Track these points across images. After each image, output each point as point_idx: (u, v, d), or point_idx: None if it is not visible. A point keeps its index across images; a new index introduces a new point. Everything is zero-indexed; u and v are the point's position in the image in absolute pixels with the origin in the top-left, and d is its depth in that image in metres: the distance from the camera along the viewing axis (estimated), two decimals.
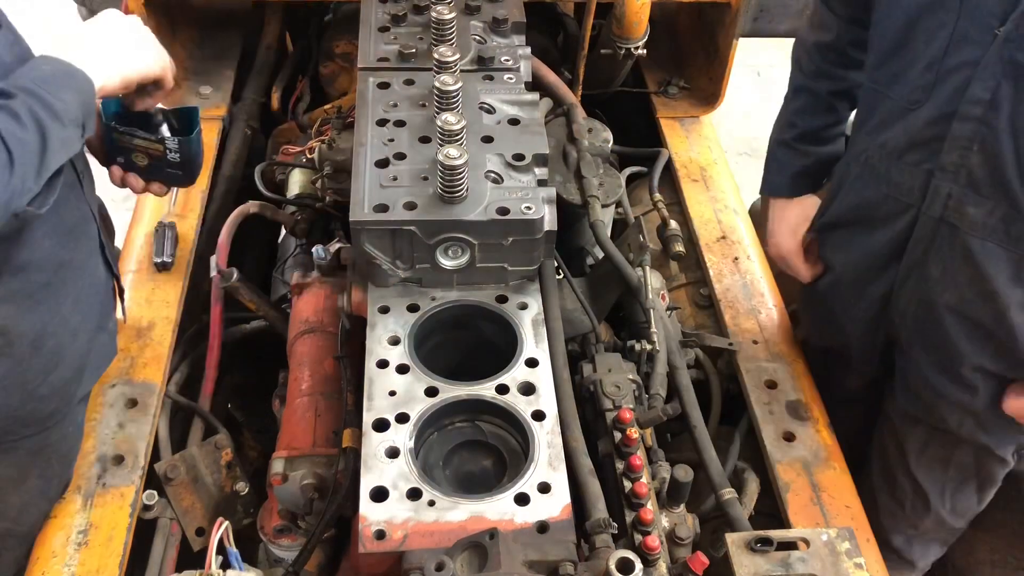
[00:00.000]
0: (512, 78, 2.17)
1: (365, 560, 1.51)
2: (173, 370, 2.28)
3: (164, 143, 1.85)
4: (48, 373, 1.77)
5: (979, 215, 1.83)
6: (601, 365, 1.96)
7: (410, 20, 2.34)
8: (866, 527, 2.00)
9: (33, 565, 1.84)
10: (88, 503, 1.93)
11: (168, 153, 1.86)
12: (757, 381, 2.25)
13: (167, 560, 1.98)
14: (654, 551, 1.57)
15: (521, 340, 1.80)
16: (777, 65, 5.33)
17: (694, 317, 2.52)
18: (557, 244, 1.94)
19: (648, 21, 2.74)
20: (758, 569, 1.57)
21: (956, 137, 1.81)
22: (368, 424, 1.64)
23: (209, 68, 3.01)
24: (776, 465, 2.09)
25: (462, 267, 1.87)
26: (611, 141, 2.42)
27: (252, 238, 2.91)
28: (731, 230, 2.65)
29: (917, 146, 1.89)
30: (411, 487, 1.55)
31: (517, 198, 1.85)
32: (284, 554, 1.92)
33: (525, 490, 1.56)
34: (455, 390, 1.70)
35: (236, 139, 2.88)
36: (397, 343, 1.78)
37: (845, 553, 1.61)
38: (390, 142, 1.96)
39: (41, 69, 1.50)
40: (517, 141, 1.99)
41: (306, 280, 2.22)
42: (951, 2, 1.77)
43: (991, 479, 2.28)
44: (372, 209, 1.80)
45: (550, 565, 1.46)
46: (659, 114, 3.05)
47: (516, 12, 2.36)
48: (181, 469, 2.05)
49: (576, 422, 1.74)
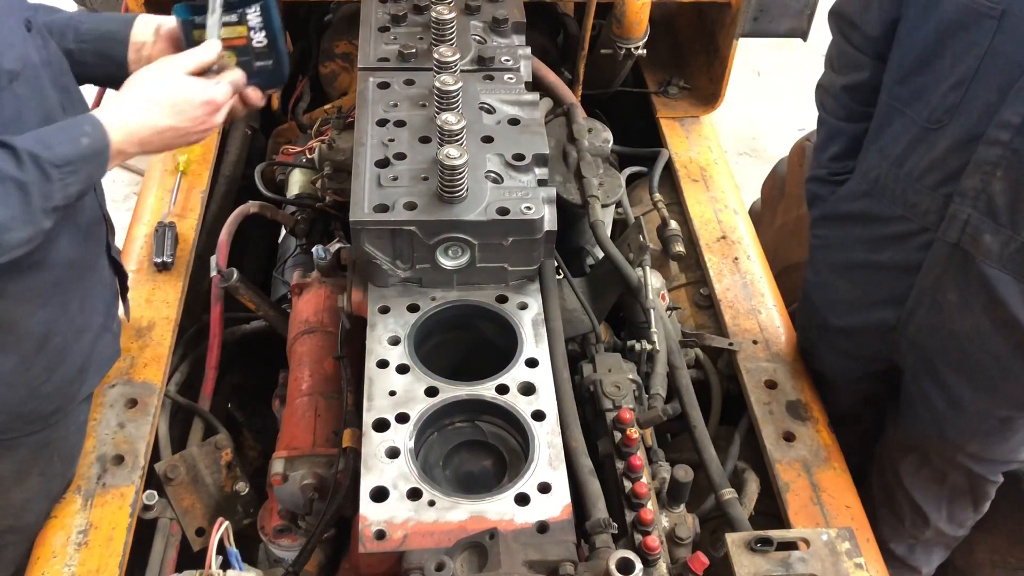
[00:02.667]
0: (512, 78, 2.17)
1: (365, 560, 1.51)
2: (173, 370, 2.28)
3: (246, 20, 1.74)
4: (52, 371, 1.77)
5: (995, 244, 1.78)
6: (601, 365, 1.96)
7: (410, 20, 2.34)
8: (866, 527, 2.00)
9: (33, 565, 1.84)
10: (88, 503, 1.93)
11: (252, 37, 1.75)
12: (757, 381, 2.25)
13: (167, 560, 1.98)
14: (654, 551, 1.57)
15: (521, 340, 1.80)
16: (777, 65, 5.33)
17: (694, 317, 2.52)
18: (557, 244, 1.94)
19: (648, 21, 2.74)
20: (758, 569, 1.57)
21: (980, 161, 1.75)
22: (368, 424, 1.64)
23: None
24: (776, 465, 2.09)
25: (462, 267, 1.87)
26: (611, 141, 2.42)
27: (252, 238, 2.91)
28: (731, 230, 2.65)
29: (937, 168, 1.84)
30: (411, 487, 1.55)
31: (517, 198, 1.85)
32: (284, 554, 1.92)
33: (525, 490, 1.56)
34: (455, 390, 1.70)
35: (236, 139, 2.89)
36: (397, 343, 1.78)
37: (845, 553, 1.61)
38: (390, 142, 1.96)
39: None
40: (517, 141, 1.99)
41: (306, 280, 2.22)
42: (987, 21, 1.70)
43: (985, 495, 2.28)
44: (372, 209, 1.80)
45: (550, 565, 1.46)
46: (659, 114, 3.05)
47: (516, 12, 2.36)
48: (181, 469, 2.05)
49: (576, 422, 1.74)
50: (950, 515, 2.31)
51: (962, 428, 2.07)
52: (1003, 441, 2.08)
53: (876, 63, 2.00)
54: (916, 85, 1.86)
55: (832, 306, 2.19)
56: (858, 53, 2.04)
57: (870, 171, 2.01)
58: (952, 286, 1.88)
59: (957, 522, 2.34)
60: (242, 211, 2.49)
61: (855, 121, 2.09)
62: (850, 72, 2.08)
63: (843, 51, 2.09)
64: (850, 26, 2.04)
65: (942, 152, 1.82)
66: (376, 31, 2.30)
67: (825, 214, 2.17)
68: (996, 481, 2.22)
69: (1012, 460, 2.17)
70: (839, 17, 2.08)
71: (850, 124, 2.11)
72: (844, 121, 2.13)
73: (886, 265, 2.00)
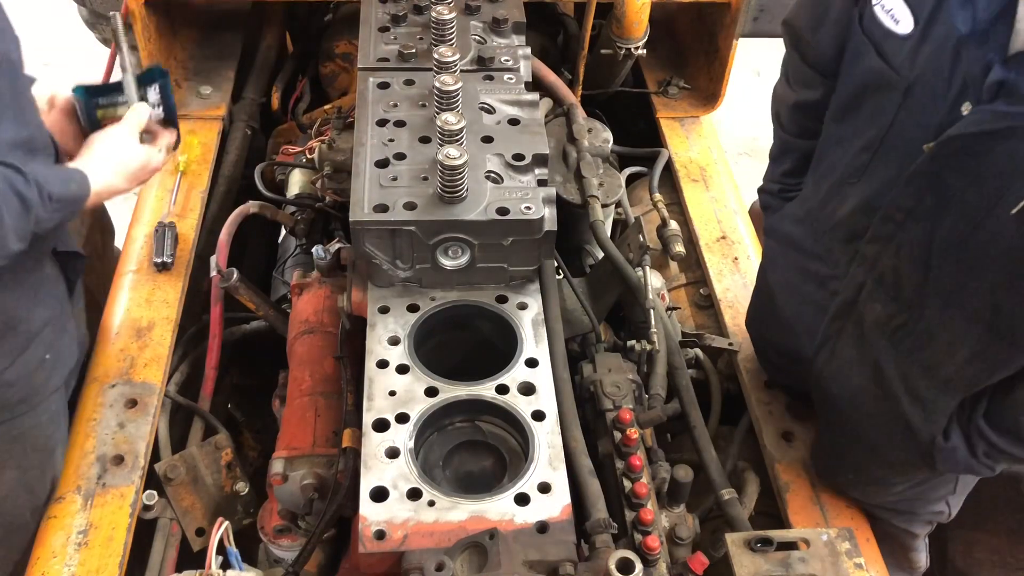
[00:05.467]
0: (512, 78, 2.17)
1: (365, 560, 1.50)
2: (173, 370, 2.28)
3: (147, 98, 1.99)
4: (14, 357, 1.79)
5: (882, 315, 1.73)
6: (601, 365, 1.96)
7: (410, 20, 2.34)
8: (866, 527, 2.01)
9: (33, 565, 1.84)
10: (88, 503, 1.93)
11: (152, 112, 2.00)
12: (757, 381, 2.25)
13: (167, 560, 1.99)
14: (654, 551, 1.58)
15: (521, 340, 1.80)
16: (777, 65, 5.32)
17: (694, 317, 2.52)
18: (557, 244, 1.94)
19: (648, 21, 2.74)
20: (758, 569, 1.57)
21: (875, 234, 1.69)
22: (368, 424, 1.64)
23: (209, 68, 3.01)
24: (776, 465, 2.09)
25: (462, 267, 1.87)
26: (611, 141, 2.42)
27: (252, 238, 2.91)
28: (731, 230, 2.65)
29: (846, 224, 1.79)
30: (411, 487, 1.55)
31: (517, 198, 1.85)
32: (284, 554, 1.92)
33: (525, 490, 1.56)
34: (455, 390, 1.70)
35: (236, 139, 2.89)
36: (397, 343, 1.78)
37: (845, 553, 1.61)
38: (390, 142, 1.96)
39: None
40: (517, 141, 1.99)
41: (306, 280, 2.22)
42: (893, 92, 1.61)
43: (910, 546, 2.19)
44: (372, 209, 1.80)
45: (550, 565, 1.46)
46: (659, 114, 3.05)
47: (516, 12, 2.36)
48: (181, 469, 2.05)
49: (576, 422, 1.74)
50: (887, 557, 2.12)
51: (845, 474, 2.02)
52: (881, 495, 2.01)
53: (830, 81, 1.88)
54: (840, 132, 1.81)
55: (769, 316, 2.13)
56: (810, 71, 1.94)
57: (806, 200, 1.95)
58: (848, 341, 1.84)
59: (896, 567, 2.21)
60: (242, 211, 2.49)
61: (808, 138, 1.99)
62: (802, 89, 1.99)
63: (796, 67, 1.99)
64: (802, 41, 1.94)
65: (850, 210, 1.77)
66: (376, 31, 2.30)
67: (772, 227, 2.12)
68: (914, 533, 2.13)
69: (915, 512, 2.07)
70: (791, 29, 1.97)
71: (802, 141, 2.03)
72: (797, 137, 2.05)
73: (808, 298, 1.95)
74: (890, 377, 1.76)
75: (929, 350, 1.68)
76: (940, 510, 2.07)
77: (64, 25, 4.78)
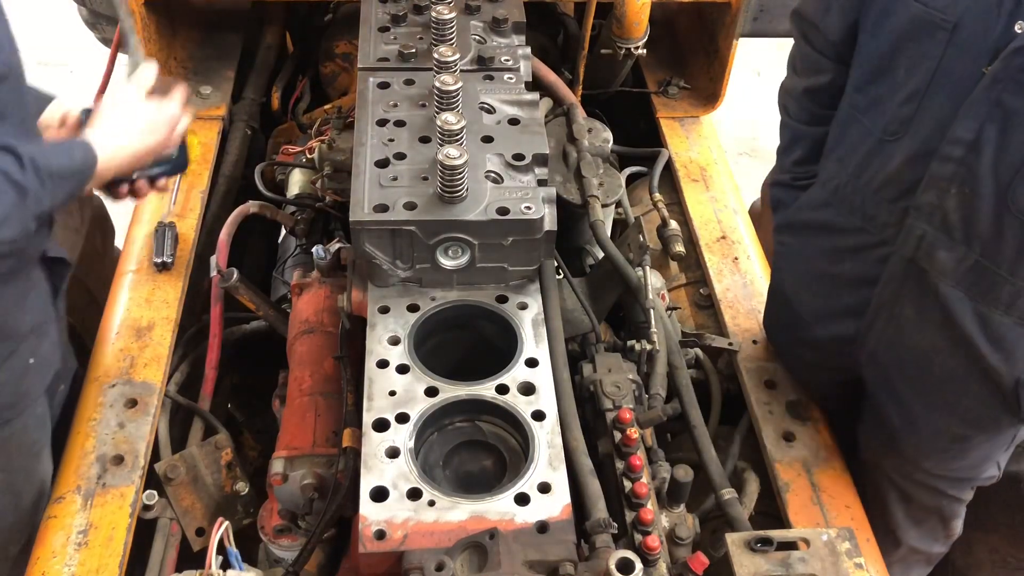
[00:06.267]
0: (512, 78, 2.17)
1: (365, 560, 1.50)
2: (173, 370, 2.28)
3: None
4: (2, 362, 1.79)
5: (950, 261, 1.74)
6: (601, 365, 1.96)
7: (410, 20, 2.34)
8: (866, 527, 2.00)
9: (33, 565, 1.84)
10: (88, 503, 1.93)
11: None
12: (757, 381, 2.25)
13: (167, 560, 1.98)
14: (654, 551, 1.58)
15: (521, 340, 1.80)
16: (777, 65, 5.32)
17: (694, 317, 2.52)
18: (557, 244, 1.94)
19: (648, 21, 2.74)
20: (758, 569, 1.57)
21: (934, 177, 1.70)
22: (368, 424, 1.64)
23: (209, 68, 3.02)
24: (776, 465, 2.09)
25: (462, 267, 1.87)
26: (611, 141, 2.42)
27: (252, 238, 2.91)
28: (731, 230, 2.65)
29: (893, 182, 1.79)
30: (411, 487, 1.55)
31: (517, 198, 1.85)
32: (284, 554, 1.92)
33: (525, 490, 1.56)
34: (455, 390, 1.70)
35: (236, 139, 2.89)
36: (397, 343, 1.78)
37: (845, 553, 1.61)
38: (390, 142, 1.96)
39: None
40: (517, 141, 1.99)
41: (306, 280, 2.22)
42: (939, 33, 1.64)
43: (953, 514, 2.21)
44: (372, 209, 1.80)
45: (550, 565, 1.46)
46: (659, 114, 3.05)
47: (516, 12, 2.36)
48: (181, 469, 2.05)
49: (576, 422, 1.74)
50: (920, 534, 2.24)
51: (917, 445, 2.02)
52: (959, 458, 2.02)
53: (838, 66, 1.95)
54: (872, 95, 1.82)
55: (795, 316, 2.14)
56: (819, 56, 2.00)
57: (829, 180, 1.96)
58: (909, 301, 1.84)
59: (931, 539, 2.27)
60: (242, 211, 2.49)
61: (818, 125, 2.04)
62: (812, 75, 2.03)
63: (805, 54, 2.04)
64: (811, 28, 2.00)
65: (898, 165, 1.77)
66: (376, 31, 2.30)
67: (788, 221, 2.13)
68: (962, 499, 2.15)
69: (974, 478, 2.10)
70: (800, 18, 2.03)
71: (813, 128, 2.06)
72: (807, 125, 2.08)
73: (846, 277, 1.95)
74: (964, 324, 1.77)
75: (1009, 284, 1.69)
76: (992, 474, 2.09)
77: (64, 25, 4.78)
